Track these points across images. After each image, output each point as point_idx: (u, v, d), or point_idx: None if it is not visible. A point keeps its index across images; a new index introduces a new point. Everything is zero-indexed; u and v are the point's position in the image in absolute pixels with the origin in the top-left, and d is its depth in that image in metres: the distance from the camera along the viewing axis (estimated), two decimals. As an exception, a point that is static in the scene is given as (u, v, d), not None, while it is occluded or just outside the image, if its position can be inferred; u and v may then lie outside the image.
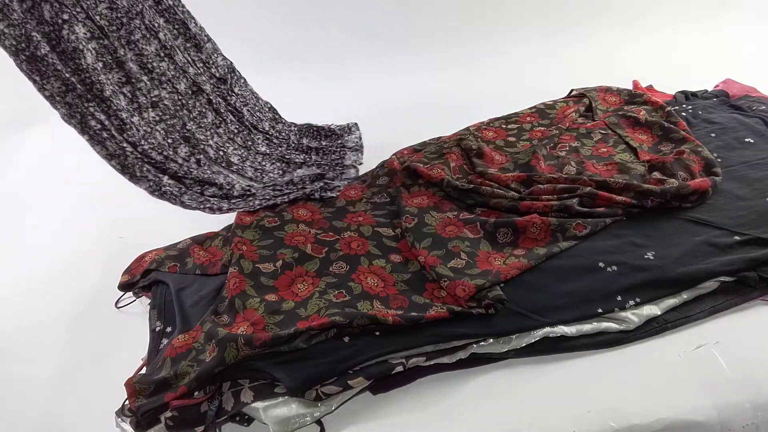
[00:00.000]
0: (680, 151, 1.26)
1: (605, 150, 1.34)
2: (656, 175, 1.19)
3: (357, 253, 1.10)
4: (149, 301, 1.08)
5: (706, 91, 1.59)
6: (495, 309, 0.93)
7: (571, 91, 1.63)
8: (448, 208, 1.21)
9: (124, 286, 1.10)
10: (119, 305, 1.13)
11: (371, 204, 1.28)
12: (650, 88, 1.67)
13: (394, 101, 1.92)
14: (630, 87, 1.64)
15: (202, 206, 1.26)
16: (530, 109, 1.57)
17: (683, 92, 1.58)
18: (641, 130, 1.39)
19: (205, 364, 0.85)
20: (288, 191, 1.32)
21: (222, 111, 1.45)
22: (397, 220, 1.19)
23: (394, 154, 1.43)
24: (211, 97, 1.43)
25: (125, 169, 1.19)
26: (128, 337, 1.02)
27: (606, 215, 1.11)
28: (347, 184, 1.36)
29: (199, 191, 1.30)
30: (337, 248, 1.12)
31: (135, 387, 0.85)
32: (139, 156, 1.21)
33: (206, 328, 0.93)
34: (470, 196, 1.22)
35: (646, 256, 1.02)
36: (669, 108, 1.43)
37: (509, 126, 1.50)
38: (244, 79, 1.55)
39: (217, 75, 1.48)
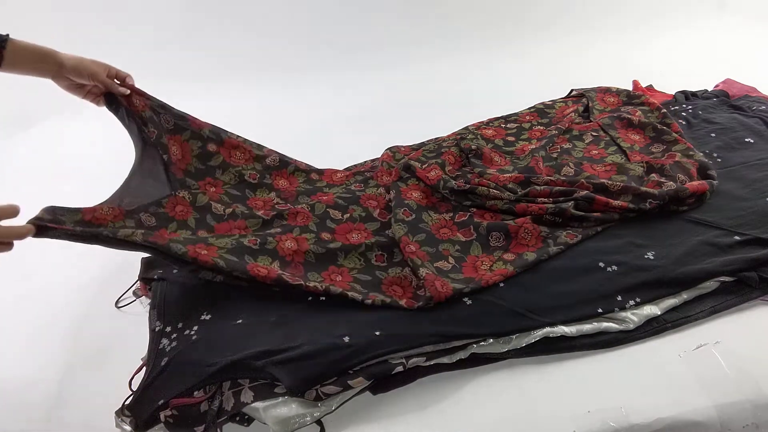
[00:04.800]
0: (672, 154, 1.25)
1: (596, 152, 1.34)
2: (654, 177, 1.19)
3: (296, 224, 1.15)
4: (149, 301, 1.08)
5: (706, 91, 1.59)
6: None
7: (571, 91, 1.63)
8: (445, 209, 1.22)
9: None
10: (119, 305, 1.13)
11: (346, 190, 1.30)
12: (650, 88, 1.67)
13: (392, 101, 1.92)
14: (630, 87, 1.64)
15: None
16: (530, 108, 1.57)
17: (683, 92, 1.58)
18: (634, 131, 1.38)
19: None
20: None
21: None
22: (389, 209, 1.20)
23: (389, 149, 1.44)
24: None
25: None
26: (128, 337, 1.02)
27: (602, 221, 1.10)
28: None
29: None
30: (284, 216, 1.17)
31: None
32: None
33: (132, 217, 1.03)
34: (467, 197, 1.22)
35: (646, 256, 1.02)
36: (665, 110, 1.43)
37: (508, 125, 1.50)
38: None
39: None
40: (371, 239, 1.12)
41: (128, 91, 1.10)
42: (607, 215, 1.10)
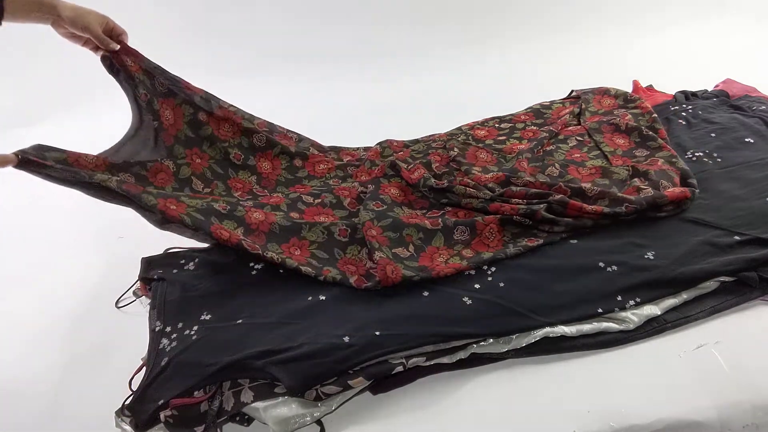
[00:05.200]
0: (654, 159, 1.25)
1: (578, 155, 1.33)
2: (636, 181, 1.18)
3: (268, 203, 1.20)
4: (149, 301, 1.08)
5: (706, 91, 1.58)
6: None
7: (572, 92, 1.63)
8: (420, 206, 1.24)
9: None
10: (119, 305, 1.13)
11: (324, 184, 1.32)
12: (650, 88, 1.67)
13: (390, 101, 1.92)
14: (630, 87, 1.64)
15: None
16: (527, 109, 1.57)
17: (683, 92, 1.57)
18: (620, 136, 1.37)
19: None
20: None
21: None
22: (363, 201, 1.23)
23: (380, 143, 1.44)
24: None
25: None
26: (128, 337, 1.02)
27: (573, 226, 1.09)
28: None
29: None
30: (259, 200, 1.22)
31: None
32: None
33: (113, 171, 1.06)
34: (444, 195, 1.23)
35: (646, 256, 1.02)
36: (656, 114, 1.41)
37: (502, 125, 1.51)
38: None
39: None
40: (337, 221, 1.17)
41: (117, 47, 1.10)
42: (579, 221, 1.10)
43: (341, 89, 2.05)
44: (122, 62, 1.12)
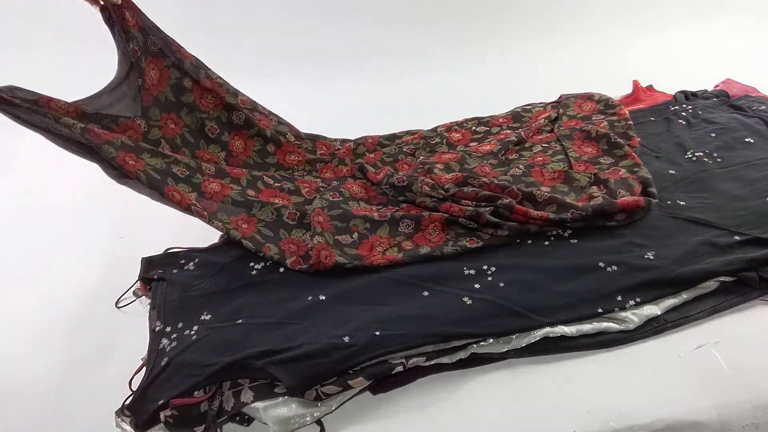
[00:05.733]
0: (617, 169, 1.24)
1: (540, 159, 1.33)
2: (594, 189, 1.18)
3: (230, 174, 1.22)
4: (149, 301, 1.08)
5: (706, 91, 1.58)
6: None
7: (561, 96, 1.61)
8: (377, 201, 1.27)
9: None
10: (119, 305, 1.13)
11: (289, 175, 1.34)
12: (650, 88, 1.67)
13: (390, 100, 1.92)
14: (630, 87, 1.64)
15: None
16: (508, 112, 1.55)
17: (683, 92, 1.57)
18: (589, 143, 1.36)
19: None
20: None
21: None
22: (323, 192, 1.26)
23: (355, 140, 1.46)
24: None
25: None
26: (128, 337, 1.02)
27: (516, 231, 1.10)
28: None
29: None
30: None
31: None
32: None
33: (83, 120, 1.06)
34: (403, 194, 1.25)
35: (646, 256, 1.02)
36: (631, 122, 1.39)
37: (478, 128, 1.50)
38: None
39: None
40: (289, 205, 1.19)
41: (119, 1, 1.10)
42: (523, 226, 1.10)
43: (341, 89, 2.05)
44: (121, 15, 1.12)
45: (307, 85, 2.10)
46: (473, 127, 1.50)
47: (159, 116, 1.20)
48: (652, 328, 0.93)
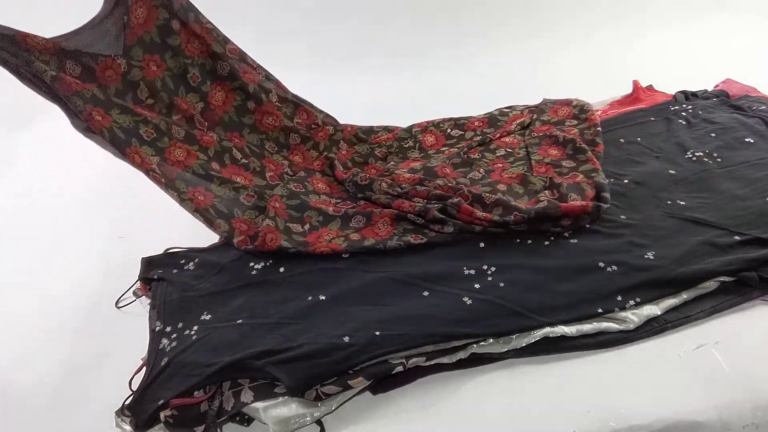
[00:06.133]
0: (575, 174, 1.24)
1: (500, 166, 1.34)
2: (546, 193, 1.18)
3: (200, 141, 1.22)
4: (149, 301, 1.08)
5: (706, 91, 1.58)
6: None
7: (543, 100, 1.61)
8: (338, 196, 1.29)
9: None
10: (119, 305, 1.13)
11: (259, 143, 1.35)
12: (650, 88, 1.67)
13: (390, 100, 1.92)
14: (630, 87, 1.64)
15: None
16: (484, 114, 1.55)
17: (683, 92, 1.57)
18: (556, 148, 1.36)
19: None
20: None
21: None
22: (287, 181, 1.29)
23: (335, 125, 1.46)
24: None
25: None
26: (128, 337, 1.02)
27: (461, 228, 1.11)
28: None
29: None
30: (193, 133, 1.23)
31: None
32: None
33: (61, 58, 1.05)
34: (363, 191, 1.27)
35: (646, 256, 1.02)
36: (600, 128, 1.39)
37: (453, 131, 1.49)
38: None
39: None
40: (249, 186, 1.20)
41: None
42: (468, 226, 1.11)
43: (341, 88, 2.05)
44: None
45: (307, 83, 2.09)
46: (449, 130, 1.49)
47: (141, 57, 1.17)
48: (652, 328, 0.93)
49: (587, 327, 0.92)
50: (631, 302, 0.94)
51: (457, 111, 1.60)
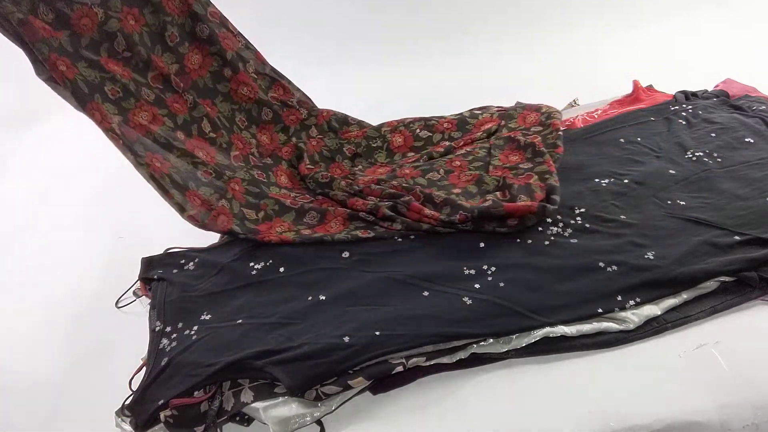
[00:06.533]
0: (530, 175, 1.25)
1: (459, 164, 1.35)
2: (497, 194, 1.20)
3: (171, 107, 1.21)
4: (149, 301, 1.08)
5: (706, 91, 1.58)
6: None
7: (517, 103, 1.60)
8: (298, 190, 1.30)
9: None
10: (119, 305, 1.13)
11: (229, 118, 1.34)
12: (650, 88, 1.67)
13: (390, 98, 1.92)
14: (630, 87, 1.64)
15: None
16: (455, 115, 1.54)
17: (683, 92, 1.57)
18: (517, 152, 1.36)
19: None
20: None
21: None
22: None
23: (309, 109, 1.45)
24: None
25: None
26: (128, 337, 1.02)
27: (408, 225, 1.14)
28: None
29: None
30: (164, 97, 1.21)
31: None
32: None
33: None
34: (322, 188, 1.29)
35: (646, 256, 1.02)
36: (561, 133, 1.39)
37: (422, 133, 1.48)
38: None
39: None
40: (210, 164, 1.19)
41: None
42: (415, 223, 1.14)
43: (340, 86, 2.05)
44: None
45: (305, 82, 2.09)
46: (418, 131, 1.49)
47: (120, 8, 1.14)
48: (652, 328, 0.93)
49: (587, 327, 0.92)
50: (631, 302, 0.94)
51: (457, 108, 1.61)
